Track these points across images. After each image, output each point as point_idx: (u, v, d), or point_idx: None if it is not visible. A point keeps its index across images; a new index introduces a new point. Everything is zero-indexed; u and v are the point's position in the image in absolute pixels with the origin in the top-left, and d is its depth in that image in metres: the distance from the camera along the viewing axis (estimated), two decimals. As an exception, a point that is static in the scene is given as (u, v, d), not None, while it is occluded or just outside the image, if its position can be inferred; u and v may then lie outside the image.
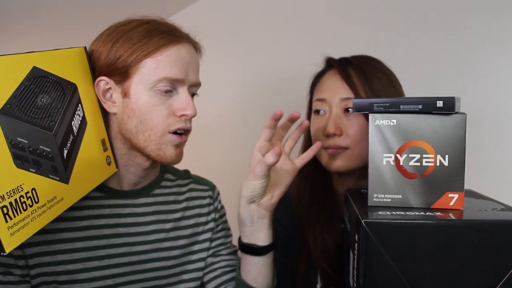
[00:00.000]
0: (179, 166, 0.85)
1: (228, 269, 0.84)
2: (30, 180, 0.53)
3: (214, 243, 0.86)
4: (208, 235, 0.85)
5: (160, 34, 0.69)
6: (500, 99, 1.13)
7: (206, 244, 0.85)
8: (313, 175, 0.88)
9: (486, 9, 1.10)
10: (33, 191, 0.53)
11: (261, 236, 0.74)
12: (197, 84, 0.75)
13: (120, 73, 0.68)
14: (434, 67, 1.18)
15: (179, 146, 0.73)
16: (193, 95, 0.75)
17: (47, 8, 1.43)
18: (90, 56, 0.71)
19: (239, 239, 0.77)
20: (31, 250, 0.66)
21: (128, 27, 0.70)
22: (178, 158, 0.74)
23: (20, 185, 0.51)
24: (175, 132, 0.71)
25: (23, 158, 0.52)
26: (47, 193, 0.56)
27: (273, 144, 0.75)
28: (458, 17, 1.15)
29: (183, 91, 0.71)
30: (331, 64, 0.85)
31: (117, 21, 0.73)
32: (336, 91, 0.80)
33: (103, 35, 0.71)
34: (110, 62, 0.68)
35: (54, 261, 0.68)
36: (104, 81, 0.69)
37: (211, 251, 0.85)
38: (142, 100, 0.68)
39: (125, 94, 0.69)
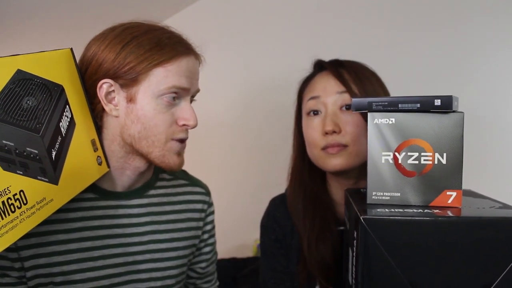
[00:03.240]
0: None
1: None
2: (17, 182, 0.53)
3: (197, 259, 0.88)
4: (196, 241, 0.86)
5: (172, 44, 0.69)
6: (499, 99, 1.14)
7: (193, 249, 0.85)
8: (305, 184, 0.88)
9: (485, 9, 1.10)
10: (21, 193, 0.53)
11: None
12: (197, 92, 0.76)
13: (128, 78, 0.67)
14: (433, 67, 1.19)
15: (181, 154, 0.74)
16: (191, 101, 0.76)
17: (47, 8, 1.43)
18: (93, 57, 0.69)
19: None
20: (27, 252, 0.67)
21: (137, 32, 0.69)
22: (181, 165, 0.75)
23: (7, 187, 0.51)
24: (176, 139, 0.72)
25: (10, 161, 0.52)
26: (36, 194, 0.56)
27: None
28: (457, 18, 1.15)
29: (186, 102, 0.72)
30: (322, 66, 0.86)
31: (117, 21, 0.72)
32: (331, 88, 0.81)
33: (107, 37, 0.69)
34: (118, 66, 0.67)
35: (50, 262, 0.68)
36: (108, 84, 0.68)
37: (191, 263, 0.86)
38: (149, 107, 0.68)
39: (130, 99, 0.68)
